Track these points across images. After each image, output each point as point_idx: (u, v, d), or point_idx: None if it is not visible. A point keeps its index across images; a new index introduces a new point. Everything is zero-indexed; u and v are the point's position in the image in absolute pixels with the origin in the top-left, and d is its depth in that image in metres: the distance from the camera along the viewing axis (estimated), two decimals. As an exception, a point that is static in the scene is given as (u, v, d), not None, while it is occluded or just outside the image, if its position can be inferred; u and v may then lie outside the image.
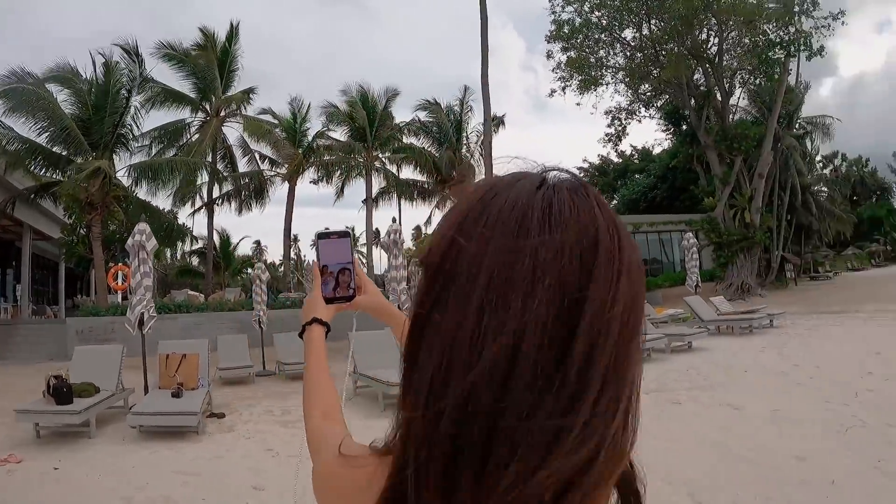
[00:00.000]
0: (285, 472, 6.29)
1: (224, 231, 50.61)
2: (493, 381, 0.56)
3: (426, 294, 0.64)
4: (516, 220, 0.62)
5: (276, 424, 8.89)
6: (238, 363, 14.16)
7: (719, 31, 33.10)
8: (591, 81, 35.31)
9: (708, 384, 9.56)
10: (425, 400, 0.59)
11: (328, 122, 36.43)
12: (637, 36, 34.50)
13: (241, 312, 22.69)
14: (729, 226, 33.69)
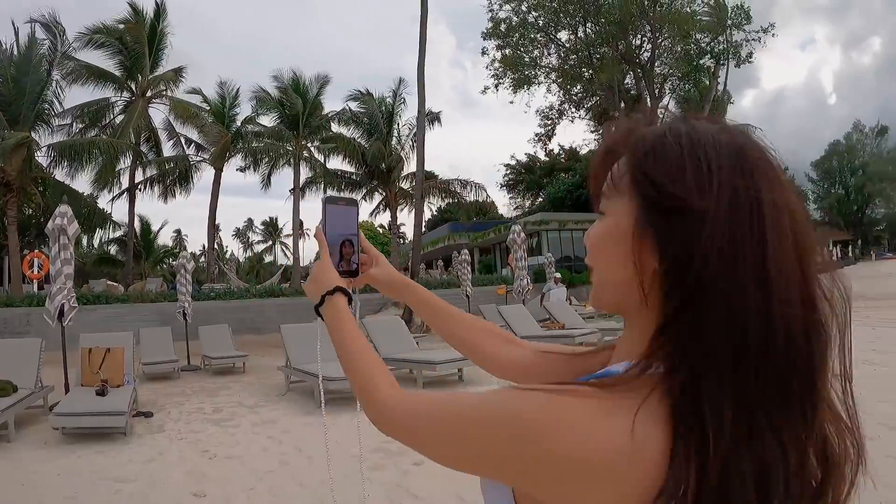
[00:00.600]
0: (226, 476, 6.00)
1: (145, 218, 49.24)
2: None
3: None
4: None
5: (208, 423, 8.50)
6: (163, 357, 13.56)
7: (653, 37, 33.81)
8: (524, 80, 35.60)
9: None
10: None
11: (258, 107, 35.61)
12: (572, 38, 34.97)
13: (164, 304, 21.93)
14: (653, 226, 34.34)
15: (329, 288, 1.21)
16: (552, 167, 60.96)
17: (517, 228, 18.96)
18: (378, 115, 36.32)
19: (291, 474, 5.96)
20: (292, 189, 35.57)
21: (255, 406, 9.81)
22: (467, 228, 48.39)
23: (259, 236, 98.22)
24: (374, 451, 6.26)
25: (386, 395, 0.98)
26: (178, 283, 16.63)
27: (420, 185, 25.68)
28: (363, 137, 36.58)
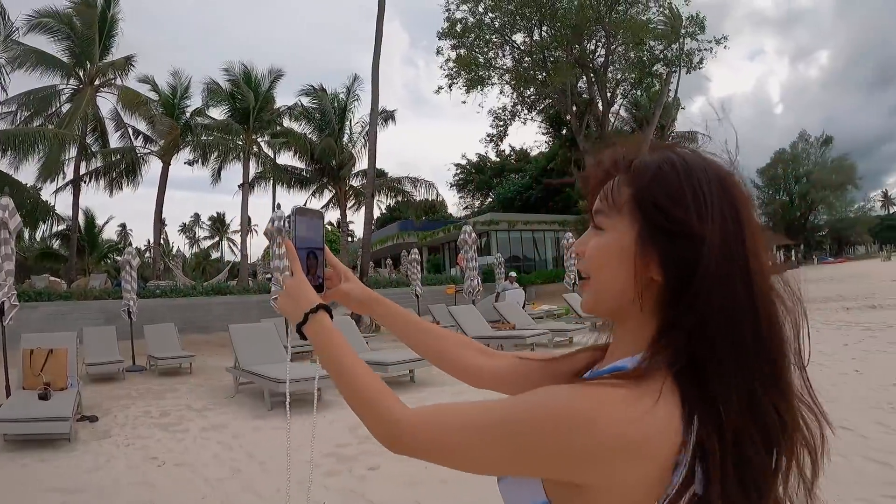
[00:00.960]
0: (176, 485, 5.86)
1: (90, 212, 48.09)
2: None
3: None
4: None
5: (155, 428, 8.29)
6: (107, 358, 13.18)
7: (607, 43, 34.15)
8: (478, 81, 35.63)
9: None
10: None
11: (208, 99, 34.93)
12: (527, 41, 35.09)
13: (109, 301, 21.42)
14: (602, 228, 34.69)
15: (311, 306, 1.17)
16: (502, 168, 61.28)
17: (468, 229, 18.97)
18: (331, 111, 36.02)
19: (244, 482, 5.84)
20: (241, 184, 35.06)
21: (204, 409, 9.62)
22: (416, 227, 48.41)
23: (206, 232, 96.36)
24: (327, 455, 6.21)
25: (401, 414, 0.97)
26: (123, 279, 16.25)
27: (371, 182, 25.55)
28: (315, 133, 36.21)
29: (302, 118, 36.78)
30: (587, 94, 37.05)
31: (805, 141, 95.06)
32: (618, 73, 36.99)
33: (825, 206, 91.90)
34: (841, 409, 6.90)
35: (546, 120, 42.94)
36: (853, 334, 13.21)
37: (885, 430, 6.08)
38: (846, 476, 4.90)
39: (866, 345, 11.67)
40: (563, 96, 35.54)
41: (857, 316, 16.86)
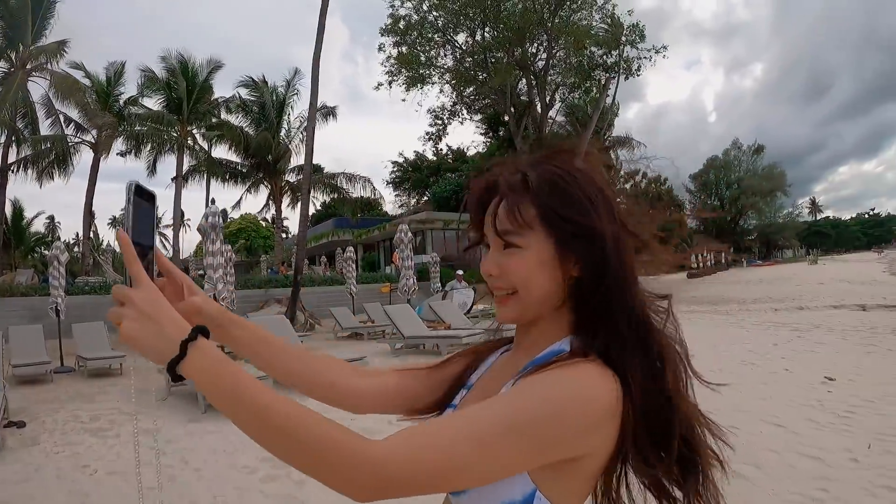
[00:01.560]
0: (109, 495, 5.62)
1: (18, 202, 46.53)
2: None
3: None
4: None
5: (86, 434, 7.94)
6: (34, 359, 12.60)
7: (549, 47, 34.40)
8: (418, 79, 35.56)
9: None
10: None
11: (143, 87, 33.94)
12: (470, 41, 35.13)
13: (35, 298, 20.71)
14: (536, 228, 35.02)
15: (185, 332, 0.89)
16: (439, 167, 61.19)
17: (404, 227, 18.89)
18: (270, 104, 35.51)
19: (179, 491, 5.64)
20: (174, 177, 34.31)
21: (135, 413, 9.33)
22: (352, 225, 48.07)
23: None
24: (263, 460, 6.07)
25: (380, 451, 0.84)
26: (51, 275, 15.63)
27: (308, 178, 25.25)
28: (252, 127, 35.66)
29: (240, 111, 36.20)
30: (526, 97, 37.33)
31: (738, 149, 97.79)
32: (557, 77, 37.35)
33: (755, 211, 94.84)
34: (773, 407, 7.09)
35: (484, 120, 43.11)
36: (782, 334, 13.59)
37: (815, 427, 6.26)
38: (780, 471, 5.04)
39: (794, 345, 12.01)
40: (503, 97, 35.75)
41: (785, 317, 17.34)
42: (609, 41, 34.47)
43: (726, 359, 10.76)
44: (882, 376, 8.57)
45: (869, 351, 10.83)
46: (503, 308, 1.11)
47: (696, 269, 57.70)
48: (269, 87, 36.19)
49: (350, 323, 19.27)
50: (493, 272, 1.10)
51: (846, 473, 4.93)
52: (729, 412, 6.92)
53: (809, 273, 44.37)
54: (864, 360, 9.99)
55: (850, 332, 13.23)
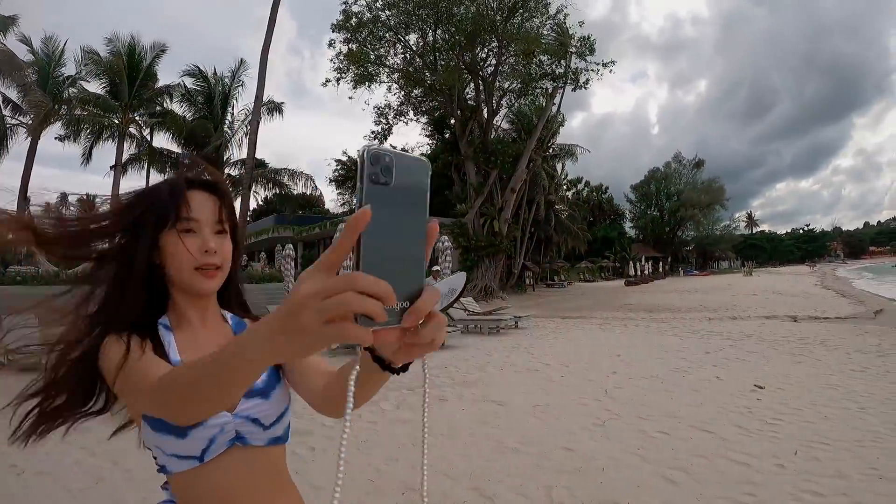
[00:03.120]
0: (37, 497, 5.27)
1: (-52, 187, 44.80)
2: None
3: None
4: None
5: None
6: None
7: (499, 53, 34.45)
8: (366, 77, 35.25)
9: (469, 381, 9.64)
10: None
11: (84, 67, 32.78)
12: (421, 42, 34.98)
13: (-37, 288, 19.92)
14: (477, 232, 35.12)
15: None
16: (383, 166, 60.90)
17: (343, 226, 18.70)
18: (214, 95, 34.83)
19: (109, 493, 5.37)
20: (114, 165, 33.36)
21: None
22: (292, 221, 47.52)
23: (73, 214, 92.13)
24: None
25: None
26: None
27: (250, 172, 24.86)
28: (195, 117, 34.91)
29: (184, 100, 35.38)
30: (473, 101, 37.35)
31: (679, 162, 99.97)
32: (505, 83, 37.50)
33: (693, 223, 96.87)
34: (703, 414, 7.12)
35: (430, 122, 43.00)
36: (714, 343, 13.78)
37: (744, 433, 6.30)
38: (708, 476, 5.05)
39: (726, 353, 12.17)
40: (450, 100, 35.72)
41: (718, 326, 17.62)
42: (558, 50, 34.70)
43: (660, 365, 10.84)
44: (810, 385, 8.73)
45: (798, 361, 11.03)
46: (212, 281, 1.40)
47: (633, 277, 58.51)
48: (215, 78, 35.44)
49: None
50: (216, 249, 1.40)
51: (773, 479, 4.96)
52: (661, 418, 6.94)
53: (744, 284, 45.45)
54: (793, 369, 10.15)
55: (781, 342, 13.49)
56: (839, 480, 4.91)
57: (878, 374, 9.60)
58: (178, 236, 1.35)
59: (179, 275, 1.37)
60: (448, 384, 9.38)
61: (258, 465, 1.37)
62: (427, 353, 0.82)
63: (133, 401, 1.27)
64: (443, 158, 39.88)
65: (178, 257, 1.35)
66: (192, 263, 1.36)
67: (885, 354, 11.53)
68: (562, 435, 6.29)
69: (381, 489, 4.80)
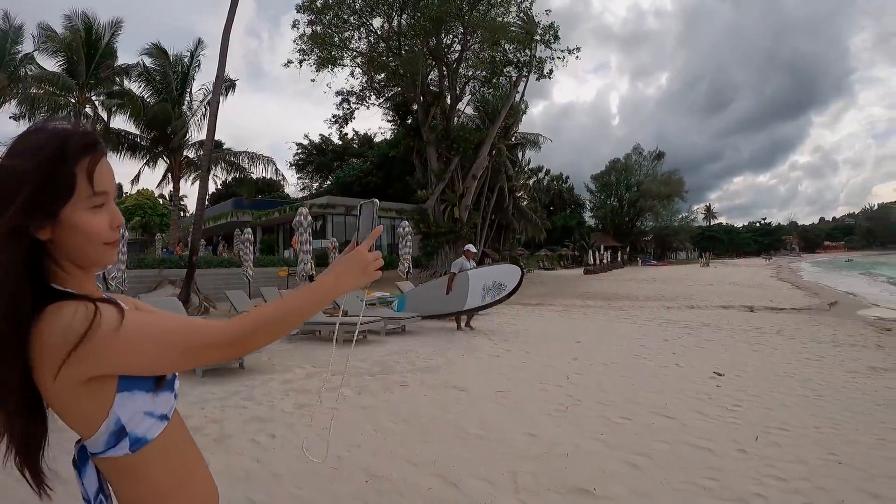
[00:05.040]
0: None
1: None
2: None
3: None
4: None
5: None
6: None
7: (464, 39, 34.31)
8: (329, 60, 34.88)
9: (429, 366, 9.59)
10: None
11: (40, 43, 31.94)
12: (385, 26, 34.65)
13: None
14: (438, 218, 35.11)
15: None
16: (344, 151, 60.50)
17: (304, 210, 18.42)
18: (172, 75, 34.16)
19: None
20: (68, 146, 32.46)
21: None
22: (251, 206, 46.99)
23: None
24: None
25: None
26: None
27: (209, 155, 24.40)
28: (154, 97, 34.22)
29: (142, 80, 34.63)
30: (437, 87, 37.23)
31: (639, 154, 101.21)
32: (469, 70, 37.43)
33: (652, 214, 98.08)
34: (664, 400, 7.15)
35: (393, 108, 42.73)
36: (672, 331, 13.91)
37: (703, 419, 6.33)
38: (670, 461, 5.06)
39: (685, 341, 12.29)
40: (413, 86, 35.55)
41: (676, 314, 17.81)
42: (523, 38, 34.70)
43: (619, 352, 10.89)
44: (767, 373, 8.84)
45: (755, 349, 11.18)
46: (115, 251, 1.31)
47: (592, 265, 58.98)
48: (175, 57, 34.72)
49: (245, 307, 18.28)
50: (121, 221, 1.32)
51: (735, 464, 4.98)
52: (622, 404, 6.95)
53: (701, 275, 46.09)
54: (750, 357, 10.29)
55: (738, 332, 13.67)
56: (800, 466, 4.96)
57: (833, 363, 9.78)
58: (88, 213, 1.22)
59: (85, 250, 1.24)
60: (409, 370, 9.31)
61: (180, 417, 1.41)
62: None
63: (156, 363, 1.22)
64: (405, 144, 39.73)
65: (87, 234, 1.22)
66: (104, 239, 1.26)
67: (840, 345, 11.76)
68: (524, 421, 6.26)
69: (344, 477, 4.70)
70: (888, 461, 5.11)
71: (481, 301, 14.79)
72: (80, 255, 1.25)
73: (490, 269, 15.43)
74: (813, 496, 4.38)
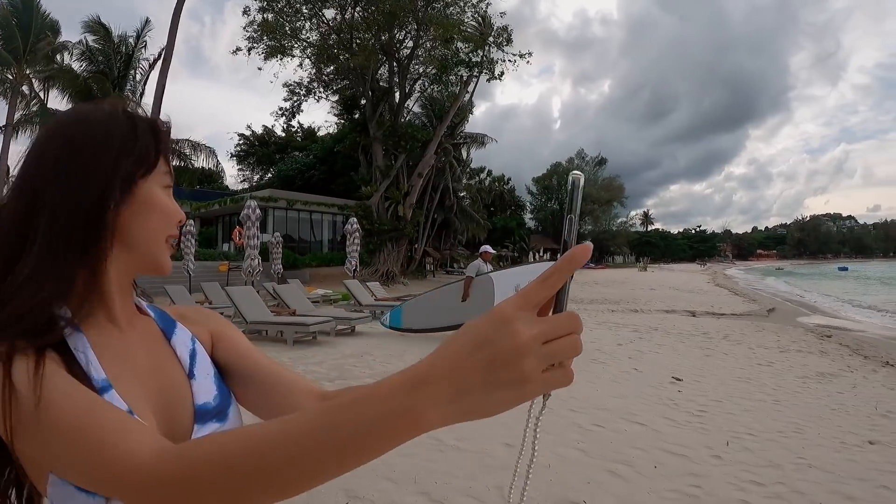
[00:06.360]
0: None
1: None
2: None
3: None
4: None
5: None
6: None
7: (416, 36, 34.17)
8: (279, 49, 34.38)
9: (388, 371, 9.28)
10: None
11: None
12: (338, 18, 34.27)
13: None
14: (382, 216, 34.96)
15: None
16: (287, 144, 59.85)
17: (253, 204, 18.08)
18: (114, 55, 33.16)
19: None
20: (3, 126, 31.37)
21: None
22: (190, 196, 46.08)
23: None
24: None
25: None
26: None
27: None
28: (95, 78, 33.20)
29: (84, 58, 33.48)
30: (386, 83, 37.10)
31: (582, 159, 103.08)
32: (420, 68, 37.35)
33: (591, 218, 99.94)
34: (630, 405, 7.23)
35: (341, 101, 42.39)
36: (624, 335, 14.08)
37: (673, 425, 6.42)
38: (651, 469, 5.08)
39: (637, 345, 12.45)
40: (363, 80, 35.33)
41: (622, 318, 18.05)
42: (477, 38, 34.78)
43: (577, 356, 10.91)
44: (723, 378, 9.03)
45: (707, 354, 11.41)
46: (169, 258, 1.01)
47: (532, 267, 59.55)
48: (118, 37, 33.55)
49: (186, 302, 17.49)
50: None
51: (712, 470, 5.06)
52: (591, 410, 6.98)
53: (640, 279, 47.02)
54: (704, 362, 10.49)
55: (686, 336, 13.92)
56: (773, 470, 5.08)
57: (783, 368, 10.07)
58: (160, 190, 0.99)
59: (147, 244, 0.96)
60: (368, 374, 9.17)
61: None
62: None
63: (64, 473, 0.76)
64: (350, 139, 39.50)
65: (165, 212, 0.98)
66: (168, 231, 0.99)
67: (786, 350, 12.11)
68: (499, 430, 6.10)
69: (322, 498, 4.54)
70: (854, 464, 5.30)
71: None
72: (144, 246, 0.96)
73: (522, 268, 13.55)
74: (793, 500, 4.49)
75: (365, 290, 19.32)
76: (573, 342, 0.61)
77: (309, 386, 1.03)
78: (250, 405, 1.05)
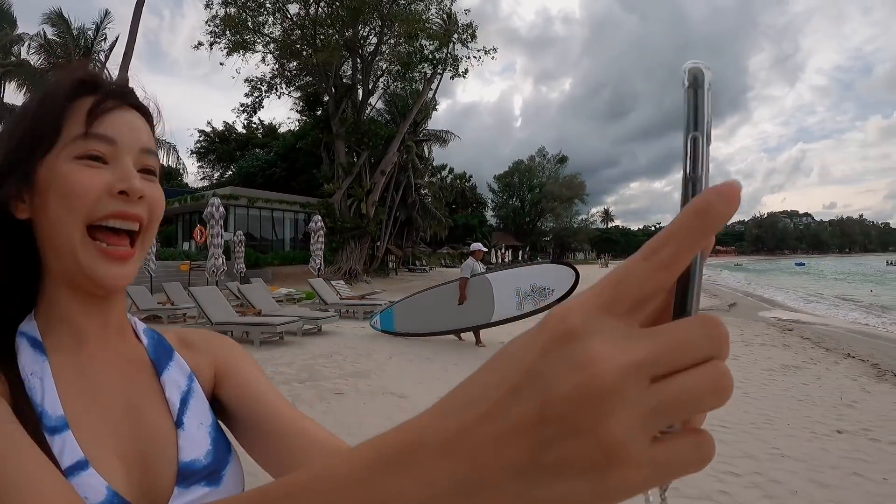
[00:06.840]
0: None
1: None
2: None
3: None
4: None
5: None
6: None
7: (381, 32, 34.04)
8: (242, 44, 34.01)
9: (360, 371, 9.30)
10: None
11: None
12: (301, 13, 33.99)
13: None
14: (344, 214, 34.77)
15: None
16: (248, 141, 59.23)
17: (216, 201, 17.72)
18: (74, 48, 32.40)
19: None
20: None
21: None
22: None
23: None
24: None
25: None
26: None
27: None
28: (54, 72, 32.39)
29: (42, 51, 32.68)
30: (350, 80, 36.94)
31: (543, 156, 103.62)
32: (384, 64, 37.26)
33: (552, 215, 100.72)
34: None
35: (303, 98, 42.11)
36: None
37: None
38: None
39: (604, 339, 12.38)
40: (325, 77, 35.14)
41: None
42: (441, 35, 34.75)
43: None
44: (692, 371, 9.04)
45: (673, 347, 11.43)
46: (123, 264, 0.77)
47: (494, 264, 59.85)
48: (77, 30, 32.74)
49: (148, 304, 16.93)
50: (143, 192, 0.77)
51: (689, 461, 5.06)
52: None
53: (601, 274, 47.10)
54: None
55: (653, 333, 13.96)
56: (749, 461, 5.18)
57: (748, 361, 10.25)
58: (74, 163, 0.75)
59: (61, 244, 0.75)
60: (339, 375, 9.02)
61: None
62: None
63: None
64: (313, 136, 39.28)
65: (65, 191, 0.74)
66: (90, 207, 0.74)
67: (750, 344, 12.32)
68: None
69: None
70: (826, 452, 5.44)
71: (518, 310, 11.51)
72: (63, 248, 0.75)
73: (522, 270, 12.21)
74: (770, 489, 4.58)
75: (330, 289, 19.12)
76: (714, 378, 0.30)
77: (336, 444, 0.85)
78: (259, 458, 0.84)
